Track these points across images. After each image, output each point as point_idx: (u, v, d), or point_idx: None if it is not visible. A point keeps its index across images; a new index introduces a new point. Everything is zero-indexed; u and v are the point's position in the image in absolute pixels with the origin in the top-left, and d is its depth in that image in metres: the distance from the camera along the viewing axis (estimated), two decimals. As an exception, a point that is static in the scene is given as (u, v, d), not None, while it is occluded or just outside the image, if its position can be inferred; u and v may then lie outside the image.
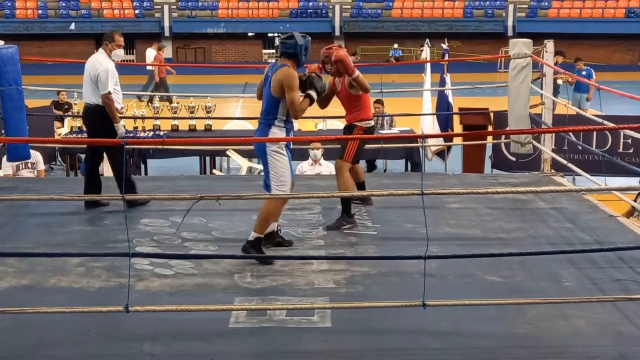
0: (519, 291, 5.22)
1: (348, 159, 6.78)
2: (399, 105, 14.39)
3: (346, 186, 6.70)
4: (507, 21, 39.22)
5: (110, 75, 7.14)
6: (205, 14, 40.31)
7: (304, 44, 5.86)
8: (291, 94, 5.74)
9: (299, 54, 5.85)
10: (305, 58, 5.91)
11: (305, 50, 5.88)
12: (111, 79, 7.14)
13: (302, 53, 5.86)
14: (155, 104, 12.31)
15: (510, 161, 11.06)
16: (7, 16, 39.36)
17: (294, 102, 5.76)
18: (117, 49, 7.30)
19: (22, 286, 5.37)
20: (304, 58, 5.89)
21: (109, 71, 7.13)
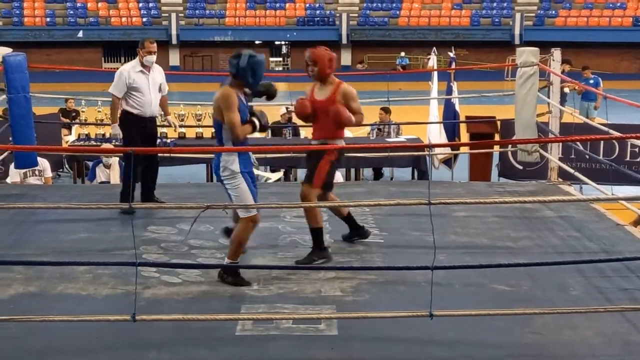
0: (526, 300, 5.21)
1: (317, 184, 6.00)
2: (405, 114, 14.39)
3: (314, 215, 5.95)
4: (514, 30, 39.25)
5: (119, 77, 7.34)
6: (212, 22, 40.45)
7: (250, 64, 5.36)
8: (228, 114, 5.35)
9: (241, 75, 5.38)
10: (254, 80, 5.41)
11: (253, 71, 5.36)
12: (119, 81, 7.33)
13: (248, 74, 5.37)
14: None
15: (517, 169, 11.03)
16: (16, 24, 39.55)
17: (232, 122, 5.36)
18: (147, 55, 7.39)
19: (29, 293, 5.38)
20: (251, 79, 5.40)
21: (120, 73, 7.35)
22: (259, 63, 5.43)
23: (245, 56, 5.40)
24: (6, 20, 39.67)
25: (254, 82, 5.44)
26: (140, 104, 7.38)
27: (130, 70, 7.40)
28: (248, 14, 40.68)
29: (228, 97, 5.37)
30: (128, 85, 7.34)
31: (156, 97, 7.53)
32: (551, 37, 32.85)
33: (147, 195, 7.51)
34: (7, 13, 39.89)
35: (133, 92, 7.35)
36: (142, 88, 7.37)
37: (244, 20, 40.46)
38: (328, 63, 5.99)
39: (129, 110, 7.42)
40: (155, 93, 7.50)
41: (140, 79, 7.37)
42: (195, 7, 40.79)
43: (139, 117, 7.40)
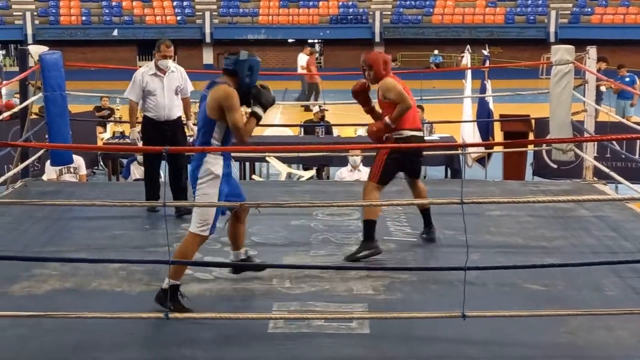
0: (560, 300, 5.16)
1: (373, 179, 6.03)
2: (439, 112, 14.33)
3: (369, 210, 6.00)
4: (549, 27, 38.89)
5: (133, 82, 7.33)
6: (246, 20, 40.58)
7: (248, 62, 5.12)
8: (233, 115, 5.05)
9: (240, 72, 5.12)
10: (249, 79, 5.14)
11: (250, 69, 5.12)
12: (133, 85, 7.32)
13: (245, 72, 5.12)
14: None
15: (552, 168, 10.94)
16: (52, 23, 39.99)
17: (237, 124, 5.07)
18: (161, 59, 7.25)
19: (64, 289, 5.44)
20: (247, 79, 5.13)
21: (134, 78, 7.33)
22: (256, 62, 5.19)
23: (244, 53, 5.18)
24: (43, 19, 40.13)
25: (249, 82, 5.15)
26: (155, 107, 7.29)
27: (143, 73, 7.31)
28: (281, 12, 40.74)
29: (232, 97, 5.05)
30: (143, 89, 7.28)
31: (171, 101, 7.33)
32: (587, 35, 32.45)
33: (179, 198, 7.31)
34: (43, 12, 40.35)
35: (148, 95, 7.29)
36: (156, 91, 7.26)
37: (277, 18, 40.54)
38: (383, 65, 6.05)
39: (146, 115, 7.38)
40: (170, 96, 7.31)
41: (153, 82, 7.27)
42: (229, 6, 40.95)
43: (154, 121, 7.30)
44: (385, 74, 6.06)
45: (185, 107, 7.63)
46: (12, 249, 6.33)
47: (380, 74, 6.04)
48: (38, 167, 10.40)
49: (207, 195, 5.07)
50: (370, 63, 6.06)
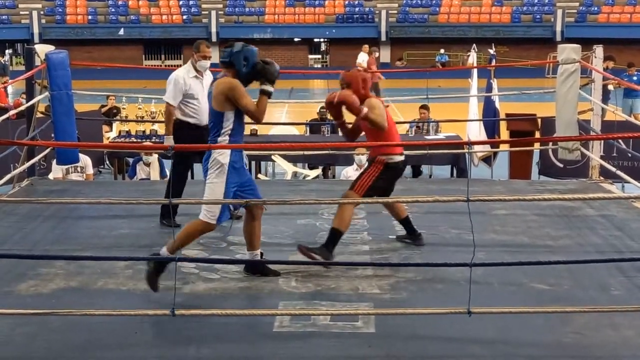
0: (566, 299, 5.15)
1: (358, 191, 5.95)
2: (445, 111, 14.31)
3: (342, 219, 5.86)
4: (555, 26, 38.85)
5: (174, 85, 6.84)
6: (251, 19, 40.62)
7: (243, 52, 5.27)
8: (242, 101, 5.23)
9: (236, 63, 5.26)
10: (246, 69, 5.26)
11: (246, 59, 5.25)
12: (175, 87, 6.84)
13: (242, 63, 5.25)
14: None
15: (558, 167, 10.93)
16: (58, 22, 40.09)
17: (249, 108, 5.26)
18: (201, 60, 6.89)
19: (70, 288, 5.45)
20: (244, 69, 5.25)
21: (176, 80, 6.85)
22: (252, 52, 5.32)
23: (238, 45, 5.35)
24: (49, 18, 40.22)
25: (247, 71, 5.27)
26: (197, 112, 6.87)
27: (185, 75, 6.86)
28: (287, 11, 40.77)
29: (236, 86, 5.24)
30: (184, 92, 6.82)
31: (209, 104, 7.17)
32: (593, 34, 32.43)
33: None
34: (50, 11, 40.44)
35: (189, 99, 6.85)
36: (198, 94, 6.86)
37: (283, 17, 40.56)
38: (362, 84, 5.93)
39: (185, 120, 6.91)
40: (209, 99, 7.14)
41: (195, 85, 6.86)
42: (235, 5, 40.99)
43: (195, 126, 6.89)
44: (365, 94, 5.92)
45: None
46: (18, 247, 6.35)
47: (358, 92, 5.89)
48: (44, 166, 10.43)
49: (214, 184, 5.27)
50: (348, 81, 5.93)
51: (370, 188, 5.96)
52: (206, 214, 5.28)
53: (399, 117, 17.84)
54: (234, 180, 5.29)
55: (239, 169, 5.36)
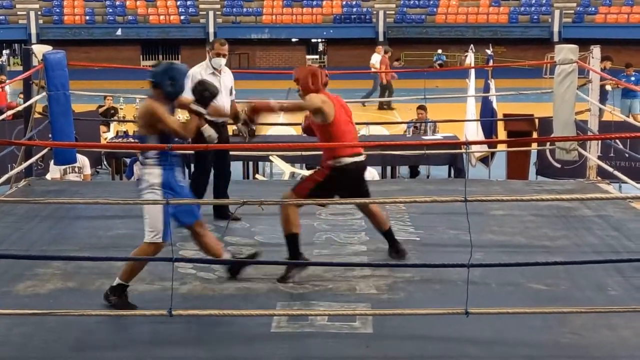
0: (563, 300, 5.16)
1: (298, 192, 5.67)
2: (442, 111, 14.32)
3: (287, 222, 5.60)
4: (552, 27, 38.86)
5: (191, 80, 6.57)
6: (249, 19, 40.60)
7: (168, 73, 5.12)
8: (165, 124, 5.06)
9: (161, 83, 5.10)
10: (173, 88, 5.10)
11: (171, 79, 5.09)
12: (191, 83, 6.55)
13: (167, 82, 5.08)
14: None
15: (555, 168, 10.93)
16: (56, 22, 40.04)
17: (173, 128, 5.08)
18: (215, 57, 6.93)
19: (67, 288, 5.44)
20: (170, 88, 5.09)
21: (192, 77, 6.71)
22: (177, 71, 5.17)
23: (163, 64, 5.22)
24: (46, 18, 40.17)
25: (173, 90, 5.12)
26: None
27: (201, 72, 6.90)
28: (285, 11, 40.75)
29: (155, 109, 5.07)
30: None
31: (227, 102, 7.00)
32: (591, 34, 32.40)
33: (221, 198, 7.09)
34: (47, 12, 40.40)
35: None
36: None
37: (280, 18, 40.54)
38: (311, 79, 5.68)
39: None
40: (226, 97, 7.01)
41: (212, 81, 6.58)
42: (233, 5, 40.96)
43: (212, 123, 6.75)
44: (314, 89, 5.68)
45: (235, 108, 7.23)
46: (16, 247, 6.34)
47: (307, 87, 5.70)
48: (42, 166, 10.42)
49: (152, 207, 5.08)
50: (297, 77, 5.75)
51: (312, 191, 5.62)
52: (149, 235, 5.11)
53: (397, 118, 17.86)
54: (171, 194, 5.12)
55: (176, 189, 5.17)
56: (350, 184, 5.74)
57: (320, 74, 5.73)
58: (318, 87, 5.71)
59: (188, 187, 5.44)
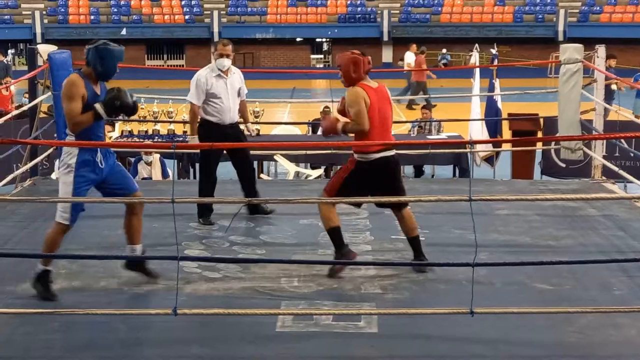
0: (568, 299, 5.15)
1: (329, 191, 5.68)
2: (447, 111, 14.33)
3: (325, 218, 5.65)
4: (557, 26, 38.79)
5: (196, 84, 6.88)
6: (254, 19, 40.59)
7: (98, 51, 5.13)
8: (65, 103, 5.09)
9: (91, 61, 5.14)
10: (102, 68, 5.13)
11: (100, 58, 5.11)
12: (197, 88, 6.88)
13: (97, 62, 5.11)
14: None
15: (560, 167, 10.90)
16: (61, 22, 40.08)
17: (68, 112, 5.09)
18: (218, 58, 6.89)
19: (72, 288, 5.45)
20: (100, 68, 5.12)
21: (198, 80, 6.88)
22: (108, 51, 5.15)
23: (99, 43, 5.19)
24: (51, 18, 40.22)
25: (102, 71, 5.14)
26: (219, 111, 6.89)
27: (207, 75, 6.88)
28: (289, 11, 40.73)
29: (69, 85, 5.12)
30: (206, 92, 6.84)
31: (235, 103, 7.00)
32: (596, 34, 32.34)
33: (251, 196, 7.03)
34: (52, 11, 40.45)
35: (211, 98, 6.86)
36: (221, 93, 6.87)
37: (285, 17, 40.53)
38: (353, 67, 5.58)
39: (208, 119, 6.92)
40: (234, 98, 6.99)
41: (218, 85, 6.87)
42: (237, 5, 40.96)
43: (218, 125, 6.89)
44: (356, 77, 5.60)
45: (243, 109, 7.29)
46: (21, 247, 6.36)
47: (349, 75, 5.61)
48: (47, 165, 10.43)
49: (63, 184, 5.22)
50: (339, 63, 5.68)
51: (341, 189, 5.63)
52: (59, 214, 5.24)
53: (401, 117, 17.85)
54: (84, 179, 5.19)
55: (93, 168, 5.21)
56: (379, 180, 5.65)
57: (362, 61, 5.60)
58: (360, 75, 5.61)
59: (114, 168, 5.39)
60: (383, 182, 5.66)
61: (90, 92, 5.16)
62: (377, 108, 5.60)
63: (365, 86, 5.61)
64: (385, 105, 5.72)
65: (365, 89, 5.59)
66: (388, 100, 5.78)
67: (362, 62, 5.59)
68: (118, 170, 5.42)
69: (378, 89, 5.67)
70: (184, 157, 11.19)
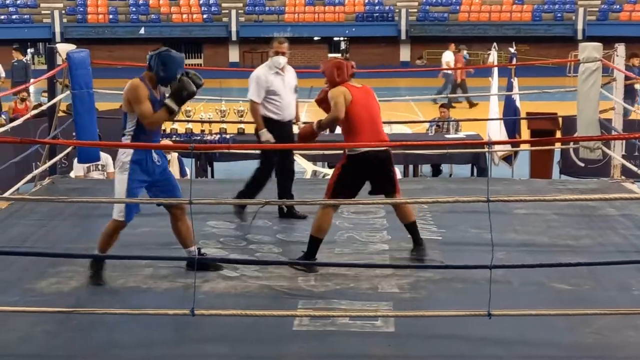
0: (587, 300, 5.12)
1: (327, 193, 5.78)
2: (465, 110, 14.27)
3: (318, 225, 5.75)
4: (576, 24, 38.55)
5: (256, 82, 6.90)
6: (271, 18, 40.62)
7: (160, 57, 5.39)
8: (138, 106, 5.34)
9: (153, 67, 5.39)
10: (164, 73, 5.37)
11: (163, 64, 5.36)
12: (257, 85, 6.89)
13: (159, 67, 5.36)
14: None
15: (579, 167, 10.86)
16: (79, 21, 40.30)
17: (142, 113, 5.34)
18: (274, 56, 6.94)
19: (91, 286, 5.47)
20: (162, 73, 5.37)
21: (257, 77, 6.91)
22: (170, 58, 5.40)
23: (161, 49, 5.47)
24: (70, 17, 40.43)
25: (164, 76, 5.38)
26: (279, 108, 6.91)
27: (265, 72, 6.92)
28: (307, 10, 40.73)
29: (135, 89, 5.37)
30: (266, 89, 6.87)
31: (292, 100, 7.02)
32: (615, 32, 32.13)
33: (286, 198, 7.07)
34: (71, 11, 40.66)
35: (271, 95, 6.89)
36: (280, 90, 6.90)
37: (303, 16, 40.52)
38: (336, 72, 5.79)
39: (268, 116, 6.92)
40: (291, 95, 7.02)
41: (276, 82, 6.90)
42: (255, 4, 41.01)
43: (278, 123, 6.90)
44: (340, 81, 5.78)
45: (296, 107, 7.27)
46: (40, 245, 6.39)
47: (333, 80, 5.80)
48: (66, 164, 10.49)
49: (118, 181, 5.48)
50: (322, 71, 5.89)
51: (337, 188, 5.73)
52: (116, 212, 5.49)
53: (419, 116, 17.81)
54: (138, 178, 5.41)
55: (146, 168, 5.44)
56: (371, 171, 5.79)
57: (345, 66, 5.81)
58: (344, 78, 5.80)
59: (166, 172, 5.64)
60: (375, 173, 5.81)
61: (151, 96, 5.40)
62: (362, 104, 5.78)
63: (348, 86, 5.81)
64: (372, 103, 5.90)
65: (349, 87, 5.79)
66: (374, 98, 5.96)
67: (345, 66, 5.81)
68: (168, 177, 5.65)
69: (362, 89, 5.88)
70: (201, 156, 11.22)
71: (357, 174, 5.76)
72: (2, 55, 22.91)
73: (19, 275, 5.65)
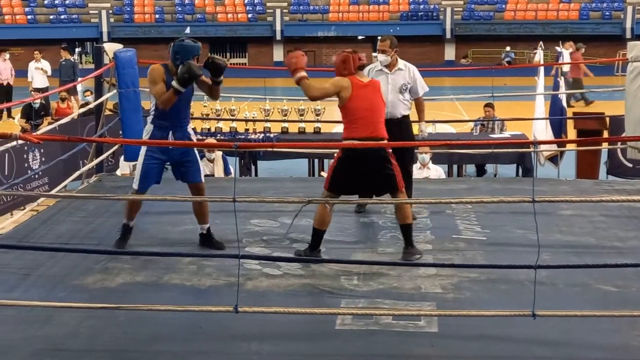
0: (634, 302, 5.04)
1: (325, 187, 5.93)
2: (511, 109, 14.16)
3: (320, 218, 5.89)
4: (625, 23, 38.02)
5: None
6: (316, 17, 40.72)
7: (174, 47, 5.95)
8: (151, 87, 5.98)
9: (171, 56, 5.96)
10: (178, 62, 5.89)
11: (175, 53, 5.92)
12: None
13: (175, 56, 5.92)
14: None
15: (627, 167, 10.70)
16: (126, 21, 40.80)
17: (154, 94, 5.96)
18: (376, 52, 7.01)
19: (136, 283, 5.54)
20: (178, 62, 5.89)
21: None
22: (181, 47, 5.92)
23: (180, 41, 5.98)
24: (117, 17, 40.96)
25: (178, 63, 5.89)
26: None
27: (370, 70, 6.92)
28: (351, 9, 40.74)
29: (151, 73, 5.98)
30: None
31: (395, 98, 6.87)
32: (665, 31, 31.67)
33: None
34: (118, 10, 41.19)
35: None
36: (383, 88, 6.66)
37: (347, 15, 40.56)
38: (343, 65, 5.97)
39: None
40: (394, 94, 6.88)
41: (379, 79, 6.66)
42: (300, 3, 41.15)
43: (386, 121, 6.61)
44: (347, 74, 5.94)
45: (419, 107, 7.24)
46: (86, 242, 6.49)
47: (341, 73, 5.98)
48: (112, 162, 10.63)
49: (140, 157, 6.16)
50: (333, 64, 6.12)
51: (332, 179, 5.87)
52: (134, 181, 6.21)
53: (464, 116, 17.71)
54: (153, 154, 6.07)
55: (162, 147, 6.06)
56: (366, 165, 5.84)
57: (351, 59, 5.96)
58: (350, 71, 5.96)
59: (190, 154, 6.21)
60: (370, 170, 5.84)
61: (169, 81, 5.90)
62: (363, 98, 5.91)
63: (353, 79, 5.95)
64: (377, 98, 6.03)
65: (353, 81, 5.93)
66: (379, 93, 6.11)
67: (351, 59, 5.96)
68: (190, 159, 6.20)
69: (369, 83, 6.06)
70: (245, 154, 11.28)
71: (351, 169, 5.83)
72: (50, 55, 23.28)
73: (67, 271, 5.74)
